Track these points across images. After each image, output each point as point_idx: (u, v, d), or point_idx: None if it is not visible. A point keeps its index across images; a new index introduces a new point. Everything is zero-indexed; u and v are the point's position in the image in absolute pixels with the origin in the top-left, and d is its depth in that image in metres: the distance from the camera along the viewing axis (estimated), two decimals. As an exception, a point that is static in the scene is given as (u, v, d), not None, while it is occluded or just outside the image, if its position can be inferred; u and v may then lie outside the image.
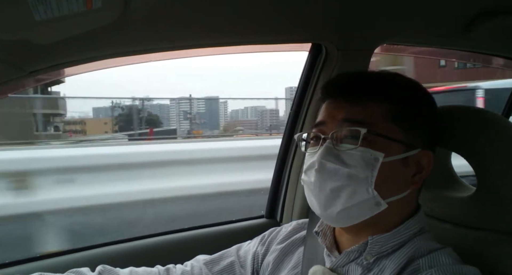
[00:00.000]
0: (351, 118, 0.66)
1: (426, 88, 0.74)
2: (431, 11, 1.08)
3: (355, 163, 0.64)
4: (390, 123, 0.66)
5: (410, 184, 0.68)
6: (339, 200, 0.66)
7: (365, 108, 0.67)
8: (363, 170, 0.64)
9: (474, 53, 1.48)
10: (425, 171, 0.69)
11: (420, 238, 0.68)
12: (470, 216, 0.77)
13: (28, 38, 0.66)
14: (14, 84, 0.91)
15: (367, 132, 0.64)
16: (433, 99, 0.74)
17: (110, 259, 1.17)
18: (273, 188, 1.49)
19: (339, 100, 0.70)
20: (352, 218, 0.68)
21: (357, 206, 0.65)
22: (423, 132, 0.69)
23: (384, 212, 0.66)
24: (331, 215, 0.68)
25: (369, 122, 0.65)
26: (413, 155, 0.67)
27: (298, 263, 0.80)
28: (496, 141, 0.72)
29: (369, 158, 0.64)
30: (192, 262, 0.92)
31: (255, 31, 1.05)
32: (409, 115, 0.68)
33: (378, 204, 0.65)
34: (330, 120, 0.69)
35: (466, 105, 0.79)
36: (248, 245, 0.92)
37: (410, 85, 0.72)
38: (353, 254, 0.69)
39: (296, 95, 1.37)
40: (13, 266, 1.11)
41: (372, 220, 0.67)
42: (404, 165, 0.67)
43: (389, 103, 0.67)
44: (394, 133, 0.66)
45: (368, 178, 0.64)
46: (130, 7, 0.71)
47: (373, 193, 0.64)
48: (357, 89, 0.69)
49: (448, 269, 0.62)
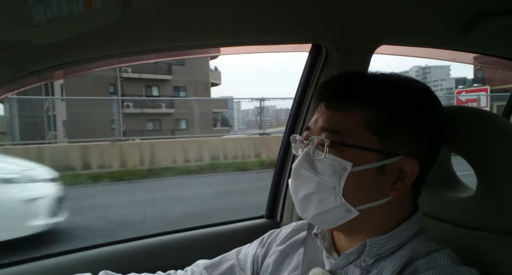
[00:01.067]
0: (326, 127, 0.67)
1: (432, 93, 0.70)
2: (431, 12, 1.08)
3: (325, 171, 0.66)
4: (365, 131, 0.65)
5: (390, 191, 0.66)
6: (311, 206, 0.68)
7: (345, 114, 0.66)
8: (331, 179, 0.65)
9: (474, 54, 1.48)
10: (409, 178, 0.66)
11: (418, 239, 0.68)
12: (470, 216, 0.77)
13: (28, 39, 0.66)
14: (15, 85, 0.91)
15: (331, 143, 0.65)
16: (432, 106, 0.70)
17: (111, 259, 1.17)
18: (273, 188, 1.49)
19: (324, 105, 0.70)
20: (328, 222, 0.69)
21: (328, 212, 0.67)
22: (408, 139, 0.66)
23: (369, 217, 0.66)
24: (307, 218, 0.71)
25: (342, 132, 0.65)
26: (392, 163, 0.65)
27: (298, 264, 0.80)
28: (496, 142, 0.72)
29: (337, 166, 0.65)
30: (192, 267, 0.92)
31: (255, 31, 1.05)
32: (389, 122, 0.65)
33: (349, 211, 0.66)
34: (314, 126, 0.70)
35: (466, 106, 0.79)
36: (247, 248, 0.92)
37: (398, 91, 0.69)
38: (352, 256, 0.69)
39: (296, 95, 1.37)
40: (13, 266, 1.11)
41: (357, 224, 0.67)
42: (379, 173, 0.65)
43: (367, 110, 0.65)
44: (368, 142, 0.65)
45: (336, 187, 0.65)
46: (130, 8, 0.71)
47: (341, 201, 0.65)
48: (338, 95, 0.69)
49: (446, 271, 0.61)
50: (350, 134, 0.65)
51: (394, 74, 0.72)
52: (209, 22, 0.94)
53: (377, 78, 0.72)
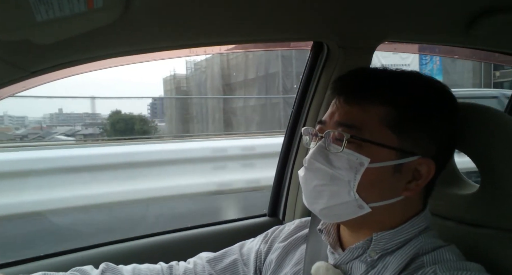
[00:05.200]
0: (343, 122, 0.66)
1: (450, 92, 0.70)
2: (432, 8, 1.07)
3: (340, 165, 0.65)
4: (384, 128, 0.64)
5: (403, 190, 0.66)
6: (322, 199, 0.67)
7: (364, 111, 0.66)
8: (347, 173, 0.64)
9: (476, 50, 1.48)
10: (424, 179, 0.66)
11: (424, 235, 0.68)
12: (473, 213, 0.77)
13: (30, 38, 0.66)
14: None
15: (350, 137, 0.64)
16: (451, 105, 0.69)
17: (113, 258, 1.17)
18: (275, 186, 1.49)
19: (341, 99, 0.69)
20: (337, 216, 0.69)
21: (339, 207, 0.66)
22: (426, 139, 0.66)
23: (379, 214, 0.66)
24: (314, 210, 0.70)
25: (360, 127, 0.65)
26: (409, 162, 0.65)
27: (301, 259, 0.80)
28: (499, 138, 0.72)
29: (354, 161, 0.64)
30: (195, 259, 0.92)
31: (257, 29, 1.05)
32: (409, 121, 0.65)
33: (361, 207, 0.65)
34: (329, 120, 0.70)
35: (469, 102, 0.78)
36: (251, 243, 0.92)
37: (419, 89, 0.68)
38: (357, 251, 0.69)
39: (298, 92, 1.37)
40: (15, 265, 1.11)
41: (366, 220, 0.67)
42: (395, 172, 0.64)
43: (388, 107, 0.65)
44: (387, 139, 0.64)
45: (350, 182, 0.64)
46: (131, 7, 0.71)
47: (355, 196, 0.64)
48: (359, 90, 0.68)
49: (452, 265, 0.62)
50: (368, 130, 0.64)
51: (415, 72, 0.71)
52: (210, 20, 0.93)
53: (398, 75, 0.71)
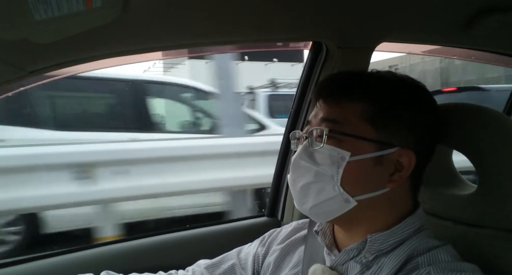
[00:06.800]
0: (327, 117, 0.69)
1: (426, 89, 0.73)
2: (431, 9, 1.07)
3: (323, 161, 0.67)
4: (363, 122, 0.67)
5: (387, 182, 0.67)
6: (309, 197, 0.69)
7: (343, 108, 0.69)
8: (330, 168, 0.66)
9: (475, 51, 1.48)
10: (406, 170, 0.68)
11: (419, 236, 0.68)
12: (471, 213, 0.77)
13: (28, 38, 0.66)
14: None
15: (330, 132, 0.67)
16: (424, 98, 0.72)
17: (113, 258, 1.17)
18: (274, 186, 1.49)
19: (322, 100, 0.72)
20: (326, 213, 0.70)
21: (326, 203, 0.68)
22: (404, 131, 0.68)
23: (367, 208, 0.67)
24: (305, 210, 0.71)
25: (342, 122, 0.67)
26: (390, 154, 0.67)
27: (299, 262, 0.81)
28: (497, 138, 0.72)
29: (335, 156, 0.66)
30: (194, 267, 0.93)
31: (255, 29, 1.05)
32: (386, 114, 0.68)
33: (347, 201, 0.67)
34: (314, 120, 0.72)
35: (466, 102, 0.79)
36: (248, 248, 0.93)
37: (393, 85, 0.71)
38: (353, 252, 0.70)
39: (297, 93, 1.37)
40: (13, 265, 1.11)
41: (356, 216, 0.68)
42: (376, 164, 0.67)
43: (365, 103, 0.68)
44: (366, 132, 0.67)
45: (334, 176, 0.66)
46: (130, 6, 0.71)
47: (339, 190, 0.66)
48: (336, 90, 0.72)
49: (446, 266, 0.62)
50: (348, 124, 0.67)
51: (390, 71, 0.75)
52: (209, 20, 0.93)
53: (373, 75, 0.75)
